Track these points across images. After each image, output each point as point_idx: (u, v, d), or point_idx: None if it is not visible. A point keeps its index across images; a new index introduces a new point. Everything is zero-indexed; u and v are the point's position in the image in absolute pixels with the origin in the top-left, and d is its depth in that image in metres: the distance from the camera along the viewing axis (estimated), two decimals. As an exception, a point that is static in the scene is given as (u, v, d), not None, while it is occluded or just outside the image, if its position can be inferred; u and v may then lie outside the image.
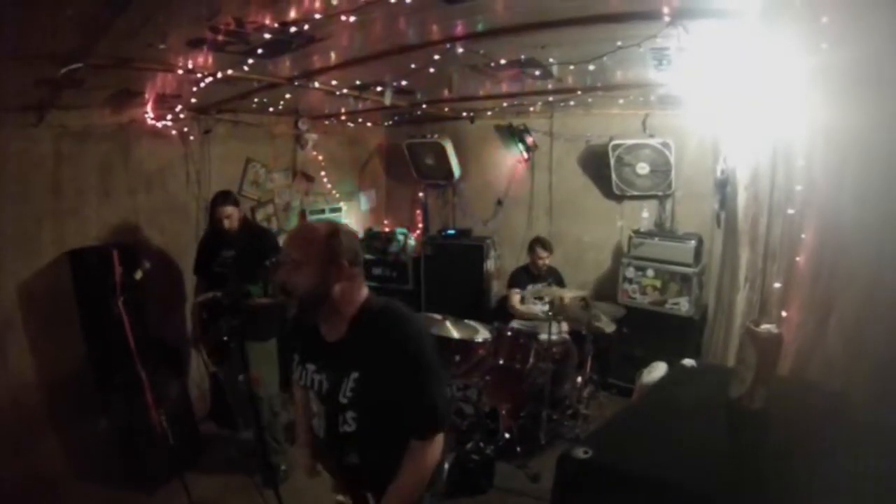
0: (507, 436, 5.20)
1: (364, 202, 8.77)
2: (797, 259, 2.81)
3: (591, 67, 4.28)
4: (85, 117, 5.05)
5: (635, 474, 1.59)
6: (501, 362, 5.59)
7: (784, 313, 2.85)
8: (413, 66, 4.40)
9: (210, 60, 3.94)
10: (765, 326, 1.88)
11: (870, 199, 2.07)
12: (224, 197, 4.97)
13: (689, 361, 2.44)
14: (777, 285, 3.12)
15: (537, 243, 6.60)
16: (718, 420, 1.91)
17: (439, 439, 2.32)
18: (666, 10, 3.05)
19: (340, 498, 2.43)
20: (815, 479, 1.54)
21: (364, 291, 2.43)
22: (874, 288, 2.00)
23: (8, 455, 4.58)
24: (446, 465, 4.51)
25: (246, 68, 4.12)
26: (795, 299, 2.82)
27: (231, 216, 4.90)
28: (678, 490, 1.51)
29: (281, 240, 5.74)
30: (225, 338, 4.47)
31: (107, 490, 4.83)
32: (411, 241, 8.24)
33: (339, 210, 8.10)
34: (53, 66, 3.51)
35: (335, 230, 2.36)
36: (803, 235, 2.76)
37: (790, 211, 2.97)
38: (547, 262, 6.55)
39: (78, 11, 2.75)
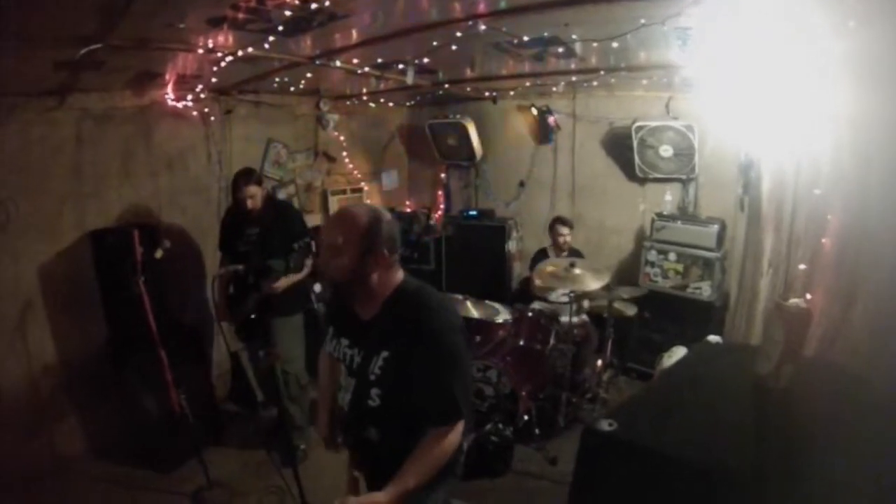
0: (525, 418, 5.19)
1: (386, 183, 8.75)
2: (823, 241, 2.76)
3: (615, 45, 4.22)
4: (106, 100, 5.06)
5: (658, 449, 1.58)
6: (522, 343, 5.57)
7: (808, 296, 2.81)
8: (435, 43, 4.36)
9: (230, 39, 3.92)
10: (793, 301, 1.85)
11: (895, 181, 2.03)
12: (247, 177, 4.86)
13: (714, 338, 2.42)
14: (802, 267, 3.08)
15: (557, 221, 6.59)
16: (742, 397, 1.88)
17: (457, 429, 2.32)
18: (691, -14, 3.00)
19: (356, 473, 2.42)
20: (836, 459, 1.52)
21: (399, 275, 2.47)
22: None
23: (27, 433, 4.67)
24: (465, 447, 4.51)
25: (267, 46, 4.10)
26: (821, 281, 2.78)
27: (254, 196, 4.82)
28: (700, 466, 1.49)
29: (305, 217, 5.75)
30: (252, 315, 4.48)
31: (125, 469, 4.88)
32: (433, 222, 8.23)
33: (360, 191, 8.09)
34: (73, 49, 3.51)
35: (376, 218, 2.36)
36: (829, 217, 2.72)
37: (816, 192, 2.93)
38: (568, 238, 6.53)
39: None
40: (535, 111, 7.44)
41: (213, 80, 5.20)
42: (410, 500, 2.25)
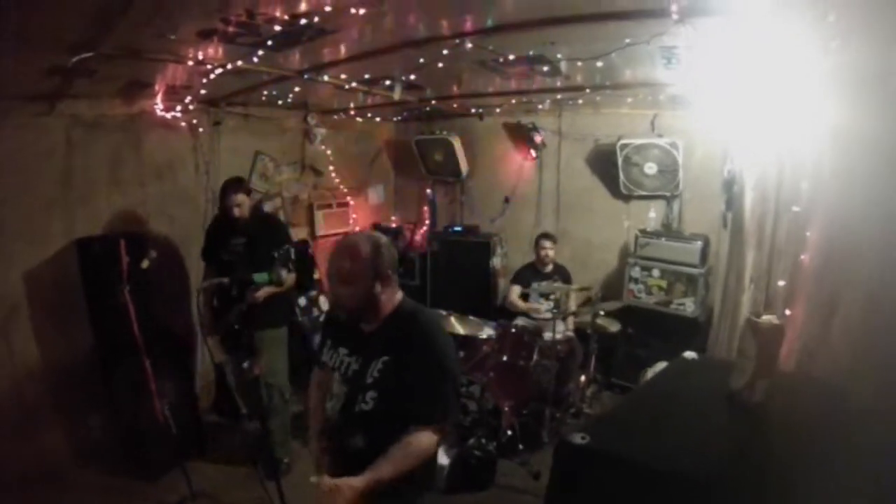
0: (509, 433, 5.18)
1: (372, 197, 8.77)
2: (802, 257, 2.80)
3: (600, 64, 4.27)
4: (96, 107, 5.07)
5: (632, 462, 1.59)
6: (505, 359, 5.59)
7: (788, 311, 2.85)
8: (422, 60, 4.41)
9: (220, 52, 3.95)
10: (766, 317, 1.87)
11: (875, 197, 2.06)
12: (236, 185, 4.88)
13: (690, 354, 2.44)
14: (781, 283, 3.12)
15: (542, 236, 6.65)
16: (718, 411, 1.90)
17: (438, 434, 2.46)
18: (674, 7, 3.04)
19: (313, 479, 2.44)
20: (813, 474, 1.54)
21: (399, 294, 2.66)
22: (880, 286, 1.99)
23: (12, 442, 4.62)
24: (447, 462, 4.52)
25: (256, 60, 4.13)
26: (800, 297, 2.82)
27: (242, 204, 4.83)
28: (675, 478, 1.50)
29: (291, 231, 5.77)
30: (236, 326, 4.49)
31: (109, 478, 4.86)
32: (418, 238, 8.26)
33: (346, 205, 8.10)
34: (65, 56, 3.53)
35: (377, 244, 2.53)
36: (808, 233, 2.76)
37: (795, 208, 2.97)
38: (551, 253, 6.56)
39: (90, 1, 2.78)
40: (520, 128, 7.49)
41: (203, 91, 5.22)
42: None
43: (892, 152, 1.96)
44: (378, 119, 8.37)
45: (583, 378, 6.00)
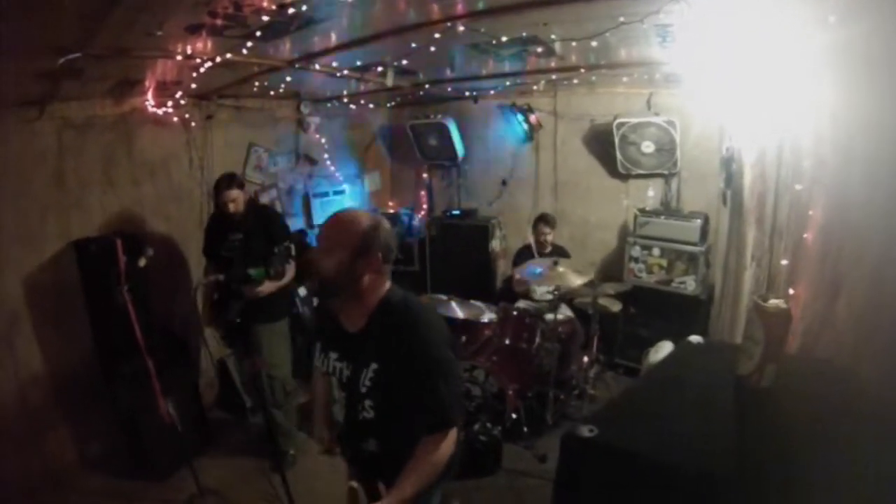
0: (514, 416, 5.19)
1: (368, 184, 8.73)
2: (805, 236, 2.78)
3: (594, 44, 4.23)
4: (86, 109, 5.02)
5: (641, 453, 1.56)
6: (508, 342, 5.59)
7: (791, 291, 2.82)
8: (413, 45, 4.36)
9: (209, 45, 3.91)
10: (773, 301, 1.84)
11: (879, 175, 2.04)
12: (228, 181, 4.82)
13: (695, 338, 2.41)
14: (784, 262, 3.10)
15: (540, 220, 6.62)
16: (726, 398, 1.88)
17: (451, 435, 2.34)
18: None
19: (354, 484, 2.43)
20: (822, 459, 1.52)
21: (387, 285, 2.49)
22: (884, 265, 1.97)
23: (16, 446, 4.60)
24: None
25: (245, 52, 4.08)
26: (803, 276, 2.80)
27: (236, 200, 4.78)
28: (684, 469, 1.48)
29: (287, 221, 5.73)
30: (237, 320, 4.47)
31: (115, 480, 4.86)
32: (416, 223, 8.24)
33: (342, 192, 8.07)
34: (52, 58, 3.48)
35: (376, 223, 2.40)
36: (811, 212, 2.73)
37: (798, 187, 2.94)
38: (549, 237, 6.56)
39: (75, 1, 2.73)
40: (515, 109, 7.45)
41: (193, 85, 5.18)
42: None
43: (892, 131, 1.93)
44: (371, 105, 8.30)
45: (585, 359, 5.99)
